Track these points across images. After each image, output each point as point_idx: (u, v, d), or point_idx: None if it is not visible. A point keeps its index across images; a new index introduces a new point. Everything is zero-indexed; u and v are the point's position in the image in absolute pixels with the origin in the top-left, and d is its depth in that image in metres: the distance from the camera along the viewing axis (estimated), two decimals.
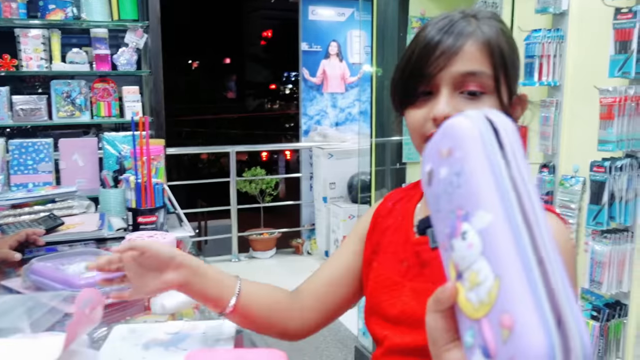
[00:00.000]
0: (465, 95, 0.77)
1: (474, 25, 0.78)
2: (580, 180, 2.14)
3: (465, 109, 0.76)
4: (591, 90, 2.03)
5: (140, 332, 0.98)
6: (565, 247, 0.75)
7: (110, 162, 2.24)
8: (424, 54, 0.78)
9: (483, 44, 0.77)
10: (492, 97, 0.77)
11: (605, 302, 2.02)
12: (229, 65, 13.94)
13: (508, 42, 0.80)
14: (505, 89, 0.79)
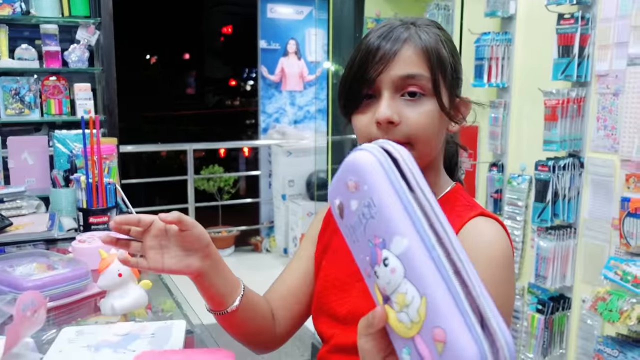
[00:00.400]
0: (406, 97, 0.80)
1: (412, 31, 0.81)
2: (527, 178, 2.23)
3: (406, 111, 0.79)
4: (537, 92, 2.11)
5: (89, 334, 0.98)
6: (499, 254, 0.78)
7: (62, 161, 2.19)
8: (365, 60, 0.80)
9: (420, 48, 0.80)
10: (432, 99, 0.80)
11: (550, 296, 2.11)
12: (188, 60, 13.74)
13: (447, 48, 0.83)
14: (446, 91, 0.81)
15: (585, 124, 2.00)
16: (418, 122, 0.79)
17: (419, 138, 0.80)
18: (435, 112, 0.80)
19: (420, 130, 0.79)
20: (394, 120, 0.79)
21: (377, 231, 0.50)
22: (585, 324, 2.00)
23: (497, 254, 0.78)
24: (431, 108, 0.80)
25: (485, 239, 0.79)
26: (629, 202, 1.71)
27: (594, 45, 1.95)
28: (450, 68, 0.82)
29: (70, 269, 1.21)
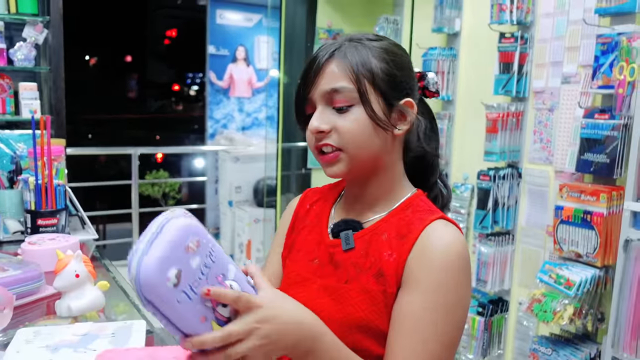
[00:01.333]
0: (337, 108, 0.85)
1: (341, 47, 0.86)
2: (469, 187, 2.34)
3: (336, 121, 0.85)
4: (479, 105, 2.23)
5: (46, 335, 0.97)
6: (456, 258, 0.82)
7: (5, 161, 2.12)
8: (303, 76, 0.88)
9: (343, 63, 0.84)
10: (361, 108, 0.84)
11: (489, 299, 2.22)
12: (130, 63, 13.43)
13: (384, 58, 0.86)
14: (378, 99, 0.84)
15: (523, 137, 2.13)
16: (348, 129, 0.84)
17: (349, 144, 0.84)
18: (364, 120, 0.84)
19: (350, 136, 0.84)
20: (323, 130, 0.85)
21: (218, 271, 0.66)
22: (522, 326, 2.12)
23: (454, 258, 0.81)
24: (360, 116, 0.84)
25: (444, 243, 0.82)
26: (562, 210, 1.84)
27: (532, 63, 2.08)
28: (386, 76, 0.85)
29: (23, 271, 1.19)
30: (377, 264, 0.84)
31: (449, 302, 0.80)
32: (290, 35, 2.91)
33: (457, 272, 0.81)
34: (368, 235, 0.87)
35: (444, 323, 0.79)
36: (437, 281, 0.80)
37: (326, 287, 0.88)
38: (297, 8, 2.87)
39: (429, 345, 0.79)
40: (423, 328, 0.79)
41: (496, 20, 2.08)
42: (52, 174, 1.65)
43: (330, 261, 0.90)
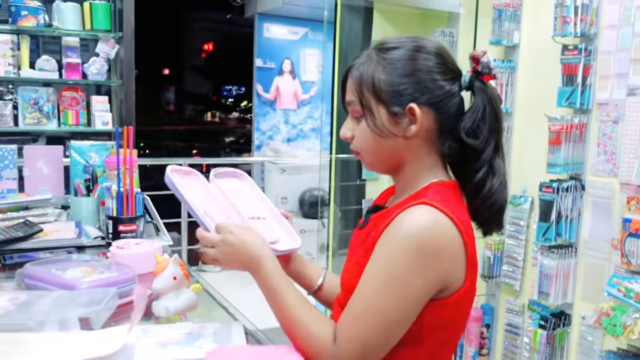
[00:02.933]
0: (355, 118, 0.97)
1: (359, 61, 0.96)
2: (529, 199, 2.33)
3: (354, 129, 0.97)
4: (539, 118, 2.23)
5: (153, 332, 1.02)
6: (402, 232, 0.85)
7: (78, 170, 2.22)
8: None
9: (353, 77, 0.96)
10: (366, 117, 0.94)
11: (551, 312, 2.20)
12: (175, 76, 13.75)
13: (392, 69, 0.92)
14: (382, 109, 0.93)
15: (587, 149, 2.12)
16: (358, 138, 0.97)
17: (361, 150, 0.98)
18: (369, 129, 0.94)
19: (360, 144, 0.97)
20: (347, 137, 0.99)
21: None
22: (586, 340, 2.10)
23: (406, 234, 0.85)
24: (366, 126, 0.95)
25: (404, 221, 0.86)
26: (630, 223, 1.82)
27: (596, 75, 2.08)
28: (388, 88, 0.92)
29: (119, 273, 1.26)
30: (368, 241, 0.95)
31: (384, 273, 0.86)
32: (345, 48, 2.96)
33: (401, 249, 0.85)
34: (377, 218, 0.97)
35: (374, 290, 0.86)
36: (380, 253, 0.88)
37: (349, 262, 1.03)
38: (353, 22, 2.92)
39: (357, 305, 0.88)
40: (358, 290, 0.89)
41: (559, 33, 2.09)
42: (133, 183, 1.73)
43: (353, 237, 1.06)
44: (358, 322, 0.86)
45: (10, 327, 0.66)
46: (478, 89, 0.96)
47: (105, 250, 1.67)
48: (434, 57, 0.95)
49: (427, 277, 0.86)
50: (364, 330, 0.85)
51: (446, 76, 0.95)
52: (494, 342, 2.53)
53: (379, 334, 0.86)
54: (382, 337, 0.86)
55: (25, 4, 2.16)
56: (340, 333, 0.87)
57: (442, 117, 0.94)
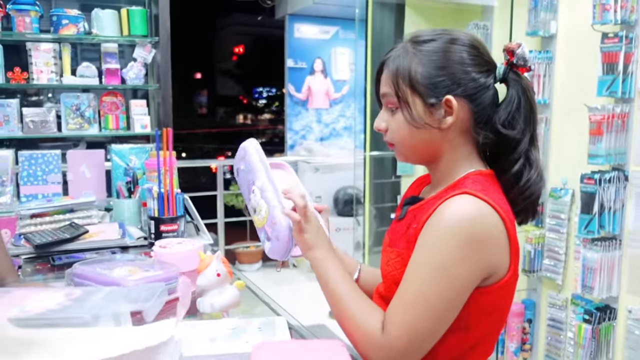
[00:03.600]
0: (389, 110, 0.98)
1: (394, 53, 0.97)
2: (570, 192, 2.28)
3: (390, 121, 0.98)
4: (578, 108, 2.18)
5: (201, 328, 1.04)
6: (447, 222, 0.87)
7: (119, 173, 2.28)
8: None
9: (389, 69, 0.97)
10: (401, 109, 0.95)
11: (596, 306, 2.15)
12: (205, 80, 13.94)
13: (429, 61, 0.94)
14: (418, 101, 0.94)
15: (629, 139, 2.06)
16: (392, 129, 0.98)
17: (397, 142, 0.98)
18: (405, 121, 0.95)
19: (395, 135, 0.97)
20: (382, 129, 1.00)
21: (250, 177, 1.10)
22: (633, 334, 2.04)
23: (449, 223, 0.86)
24: (401, 118, 0.95)
25: (446, 211, 0.88)
26: None
27: (638, 63, 2.02)
28: (425, 80, 0.93)
29: (163, 271, 1.29)
30: (410, 233, 0.96)
31: (431, 262, 0.87)
32: (377, 45, 2.96)
33: (447, 238, 0.86)
34: (417, 210, 0.99)
35: (421, 280, 0.87)
36: (426, 243, 0.89)
37: (384, 251, 1.06)
38: (385, 19, 2.91)
39: (405, 294, 0.89)
40: (405, 280, 0.90)
41: (599, 21, 2.04)
42: (173, 183, 1.77)
43: (390, 230, 1.07)
44: (406, 312, 0.87)
45: (67, 322, 0.69)
46: (512, 81, 0.96)
47: (148, 250, 1.71)
48: (468, 49, 0.96)
49: (472, 265, 0.87)
50: (413, 319, 0.87)
51: (481, 68, 0.96)
52: (536, 337, 2.49)
53: (427, 322, 0.87)
54: (430, 325, 0.87)
55: (66, 13, 2.22)
56: (389, 323, 0.89)
57: (477, 109, 0.95)
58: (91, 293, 0.78)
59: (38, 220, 1.80)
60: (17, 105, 2.26)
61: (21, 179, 2.16)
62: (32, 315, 0.69)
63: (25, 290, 0.77)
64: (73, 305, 0.73)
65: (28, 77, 2.25)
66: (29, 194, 2.19)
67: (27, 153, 2.17)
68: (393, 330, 0.88)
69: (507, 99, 0.96)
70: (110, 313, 0.71)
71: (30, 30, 2.18)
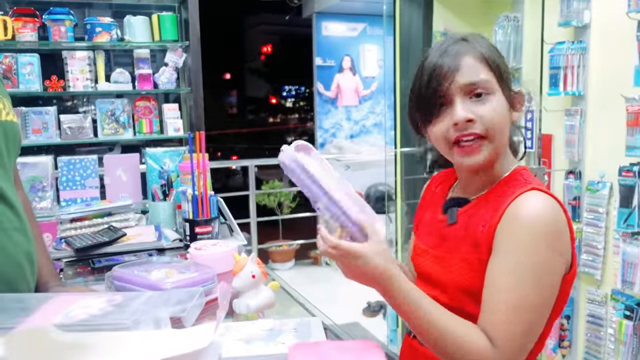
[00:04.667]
0: (474, 99, 0.93)
1: (466, 44, 0.96)
2: (607, 185, 2.23)
3: (478, 110, 0.93)
4: (614, 99, 2.13)
5: (236, 329, 1.06)
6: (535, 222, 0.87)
7: (154, 176, 2.32)
8: (432, 76, 0.95)
9: (479, 57, 0.94)
10: (495, 96, 0.94)
11: (637, 302, 2.10)
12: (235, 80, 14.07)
13: (497, 53, 0.98)
14: (504, 87, 0.95)
15: None
16: (491, 116, 0.92)
17: (495, 130, 0.93)
18: (501, 106, 0.93)
19: (495, 123, 0.92)
20: (472, 118, 0.92)
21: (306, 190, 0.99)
22: None
23: (534, 222, 0.87)
24: (498, 103, 0.93)
25: (527, 209, 0.88)
26: None
27: None
28: (503, 69, 0.97)
29: (199, 273, 1.31)
30: (474, 235, 0.94)
31: (528, 264, 0.86)
32: (405, 41, 2.94)
33: (537, 235, 0.87)
34: (471, 211, 0.98)
35: (522, 284, 0.85)
36: (516, 244, 0.87)
37: (436, 257, 1.02)
38: (413, 14, 2.89)
39: (507, 303, 0.85)
40: (501, 288, 0.87)
41: (634, 9, 1.98)
42: (206, 185, 1.79)
43: (439, 234, 1.03)
44: (512, 319, 0.85)
45: (109, 327, 0.71)
46: None
47: (184, 252, 1.74)
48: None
49: (560, 260, 0.89)
50: (520, 326, 0.86)
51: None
52: (575, 333, 2.44)
53: (533, 324, 0.87)
54: (536, 326, 0.88)
55: (99, 21, 2.28)
56: (496, 334, 0.86)
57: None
58: (132, 298, 0.80)
59: (78, 224, 1.86)
60: (54, 113, 2.33)
61: (60, 184, 2.22)
62: (76, 322, 0.71)
63: (68, 296, 0.80)
64: (115, 310, 0.75)
65: (64, 85, 2.31)
66: (69, 199, 2.25)
67: (65, 159, 2.23)
68: (504, 343, 0.85)
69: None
70: (151, 318, 0.72)
71: (66, 39, 2.25)
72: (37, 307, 0.77)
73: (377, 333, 3.44)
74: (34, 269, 1.21)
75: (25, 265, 1.17)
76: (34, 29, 2.28)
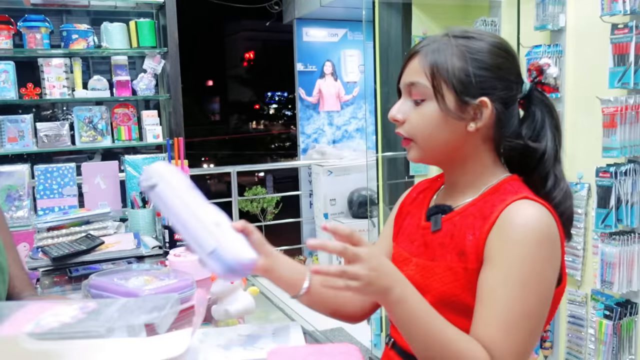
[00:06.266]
0: (414, 101, 0.94)
1: (432, 44, 0.94)
2: (586, 186, 2.26)
3: (411, 112, 0.94)
4: (590, 101, 2.16)
5: (214, 335, 1.05)
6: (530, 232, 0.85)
7: (133, 183, 2.30)
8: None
9: (424, 59, 0.93)
10: (433, 103, 0.92)
11: (616, 302, 2.12)
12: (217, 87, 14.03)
13: (469, 59, 0.92)
14: (452, 96, 0.91)
15: None
16: (417, 122, 0.93)
17: (417, 135, 0.94)
18: (435, 114, 0.92)
19: (419, 129, 0.93)
20: (397, 119, 0.96)
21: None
22: None
23: (530, 232, 0.85)
24: (430, 111, 0.92)
25: (521, 219, 0.86)
26: None
27: None
28: (463, 76, 0.91)
29: (178, 280, 1.29)
30: (460, 244, 0.91)
31: (525, 274, 0.84)
32: (385, 46, 2.95)
33: (533, 245, 0.85)
34: (456, 218, 0.95)
35: (520, 295, 0.84)
36: (512, 255, 0.85)
37: (418, 265, 0.98)
38: (392, 19, 2.91)
39: (504, 315, 0.84)
40: (498, 299, 0.84)
41: (608, 12, 2.02)
42: None
43: (422, 242, 1.00)
44: (510, 331, 0.84)
45: (82, 335, 0.70)
46: (537, 99, 0.97)
47: (163, 259, 1.73)
48: (509, 57, 0.96)
49: (555, 268, 0.89)
50: (519, 337, 0.84)
51: (516, 79, 0.96)
52: (556, 334, 2.46)
53: (532, 335, 0.86)
54: (534, 337, 0.87)
55: (76, 28, 2.26)
56: (494, 347, 0.84)
57: (505, 118, 0.94)
58: (106, 305, 0.78)
59: (55, 232, 1.83)
60: (31, 121, 2.30)
61: (37, 192, 2.19)
62: (47, 330, 0.70)
63: (41, 304, 0.78)
64: (88, 318, 0.74)
65: (41, 93, 2.28)
66: (46, 207, 2.22)
67: (42, 167, 2.20)
68: (501, 355, 0.83)
69: (531, 115, 0.96)
70: (125, 325, 0.71)
71: (42, 46, 2.22)
72: (8, 315, 0.75)
73: (362, 338, 3.43)
74: (4, 277, 1.19)
75: None
76: (9, 37, 2.25)
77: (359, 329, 3.67)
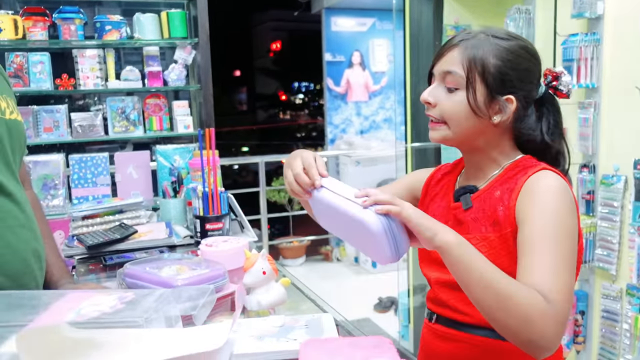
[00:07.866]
0: (446, 87, 1.04)
1: (472, 39, 1.03)
2: (622, 178, 2.20)
3: (443, 97, 1.04)
4: (629, 91, 2.09)
5: (247, 326, 1.06)
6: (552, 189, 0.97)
7: (164, 173, 2.33)
8: (435, 55, 1.09)
9: (464, 51, 1.02)
10: (463, 93, 1.02)
11: None
12: (244, 77, 14.08)
13: (504, 58, 1.02)
14: (483, 90, 1.01)
15: None
16: (449, 107, 1.03)
17: (449, 119, 1.03)
18: (466, 103, 1.01)
19: (450, 112, 1.03)
20: (429, 102, 1.05)
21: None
22: None
23: (554, 191, 0.97)
24: (463, 99, 1.02)
25: (544, 182, 0.98)
26: None
27: None
28: (497, 73, 1.01)
29: (210, 269, 1.31)
30: (493, 215, 1.02)
31: (557, 226, 0.95)
32: (415, 35, 2.92)
33: (559, 203, 0.96)
34: (483, 195, 1.06)
35: (557, 243, 0.93)
36: (543, 212, 0.95)
37: None
38: (423, 7, 2.87)
39: (549, 260, 0.92)
40: (540, 249, 0.93)
41: None
42: (217, 182, 1.79)
43: (456, 220, 1.09)
44: (557, 274, 0.92)
45: (121, 324, 0.71)
46: (549, 102, 1.08)
47: (195, 249, 1.74)
48: (535, 60, 1.06)
49: (575, 224, 0.98)
50: (564, 279, 0.92)
51: (538, 81, 1.07)
52: (589, 329, 2.41)
53: (572, 276, 0.95)
54: (574, 280, 0.96)
55: (109, 19, 2.28)
56: (547, 291, 0.90)
57: (524, 114, 1.05)
58: (143, 296, 0.79)
59: (89, 221, 1.86)
60: (65, 111, 2.34)
61: (72, 181, 2.23)
62: (88, 319, 0.71)
63: (80, 293, 0.80)
64: (126, 308, 0.75)
65: (75, 83, 2.32)
66: (80, 196, 2.27)
67: (77, 157, 2.24)
68: (555, 296, 0.90)
69: (543, 116, 1.07)
70: (163, 316, 0.72)
71: (76, 38, 2.25)
72: (49, 304, 0.77)
73: (389, 329, 3.43)
74: (41, 265, 1.22)
75: (31, 261, 1.18)
76: (44, 28, 2.28)
77: (387, 319, 3.67)
